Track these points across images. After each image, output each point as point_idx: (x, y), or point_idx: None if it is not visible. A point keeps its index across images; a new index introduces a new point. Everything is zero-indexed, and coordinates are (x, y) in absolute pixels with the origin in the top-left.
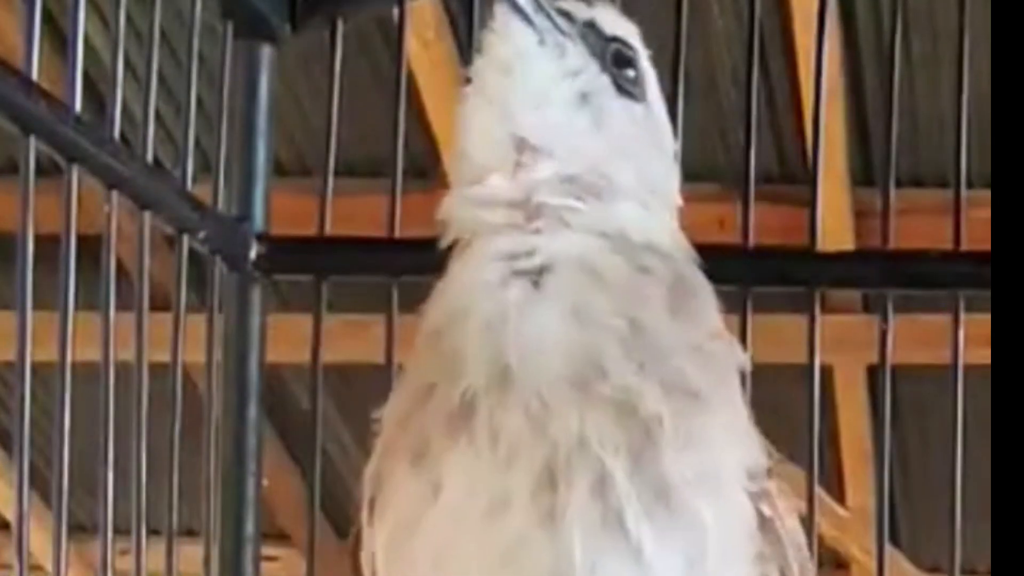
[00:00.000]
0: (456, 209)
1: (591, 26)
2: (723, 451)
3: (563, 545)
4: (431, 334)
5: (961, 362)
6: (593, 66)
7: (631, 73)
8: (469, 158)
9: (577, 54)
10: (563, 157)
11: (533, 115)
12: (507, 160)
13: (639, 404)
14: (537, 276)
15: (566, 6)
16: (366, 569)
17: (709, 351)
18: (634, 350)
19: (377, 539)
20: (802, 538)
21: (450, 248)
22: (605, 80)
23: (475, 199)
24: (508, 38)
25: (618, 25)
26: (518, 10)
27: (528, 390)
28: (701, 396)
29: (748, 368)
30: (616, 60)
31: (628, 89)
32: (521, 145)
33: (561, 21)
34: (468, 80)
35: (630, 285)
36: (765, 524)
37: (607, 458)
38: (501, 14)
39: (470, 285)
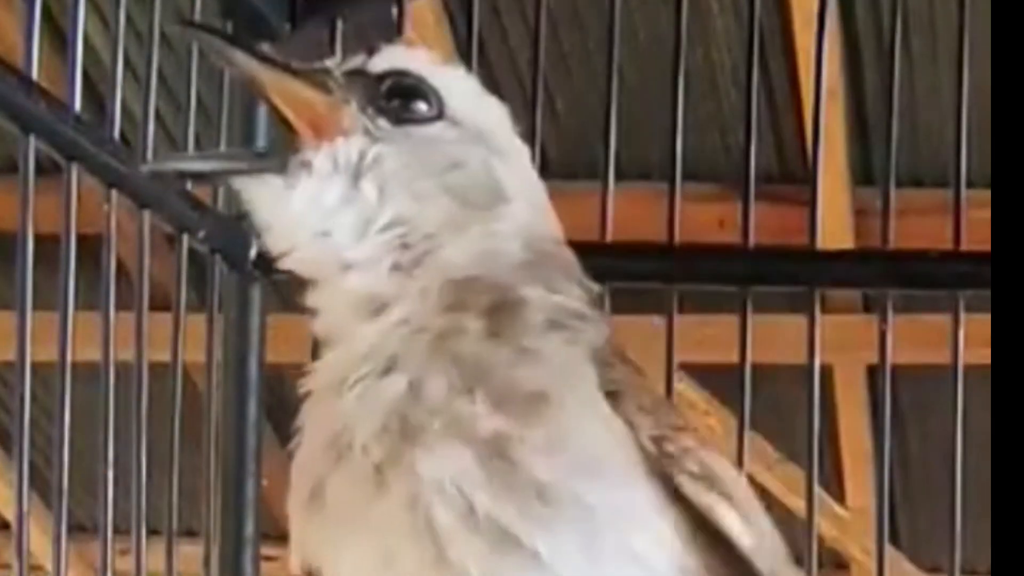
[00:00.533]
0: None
1: (357, 73)
2: (587, 432)
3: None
4: (309, 402)
5: (961, 362)
6: (356, 136)
7: (416, 100)
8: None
9: (324, 156)
10: (374, 253)
11: (329, 241)
12: (337, 274)
13: (475, 425)
14: (367, 354)
15: (326, 64)
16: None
17: (538, 351)
18: (458, 380)
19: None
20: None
21: None
22: (376, 124)
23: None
24: (261, 198)
25: (390, 59)
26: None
27: (365, 459)
28: (546, 392)
29: (605, 335)
30: (394, 92)
31: (413, 117)
32: (342, 265)
33: (318, 76)
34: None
35: (445, 328)
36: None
37: (465, 488)
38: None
39: (318, 374)
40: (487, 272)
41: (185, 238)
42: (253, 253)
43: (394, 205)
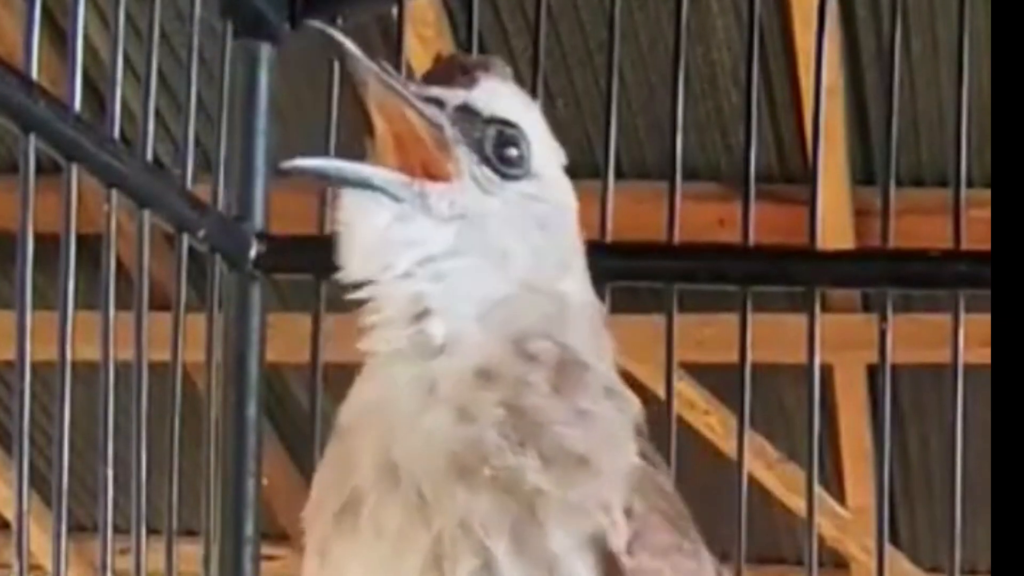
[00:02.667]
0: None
1: (466, 109)
2: (600, 511)
3: None
4: (335, 437)
5: (961, 362)
6: (467, 195)
7: (514, 152)
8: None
9: (436, 201)
10: (458, 302)
11: (423, 283)
12: (411, 313)
13: (520, 479)
14: (431, 385)
15: (438, 93)
16: None
17: (596, 414)
18: (513, 432)
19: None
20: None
21: None
22: (482, 173)
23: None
24: (363, 222)
25: (499, 98)
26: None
27: (411, 485)
28: (587, 459)
29: (642, 423)
30: (497, 142)
31: (510, 172)
32: (422, 308)
33: (432, 110)
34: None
35: (514, 376)
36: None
37: (489, 540)
38: (352, 200)
39: (369, 396)
40: (555, 332)
41: (185, 238)
42: (253, 253)
43: (490, 261)
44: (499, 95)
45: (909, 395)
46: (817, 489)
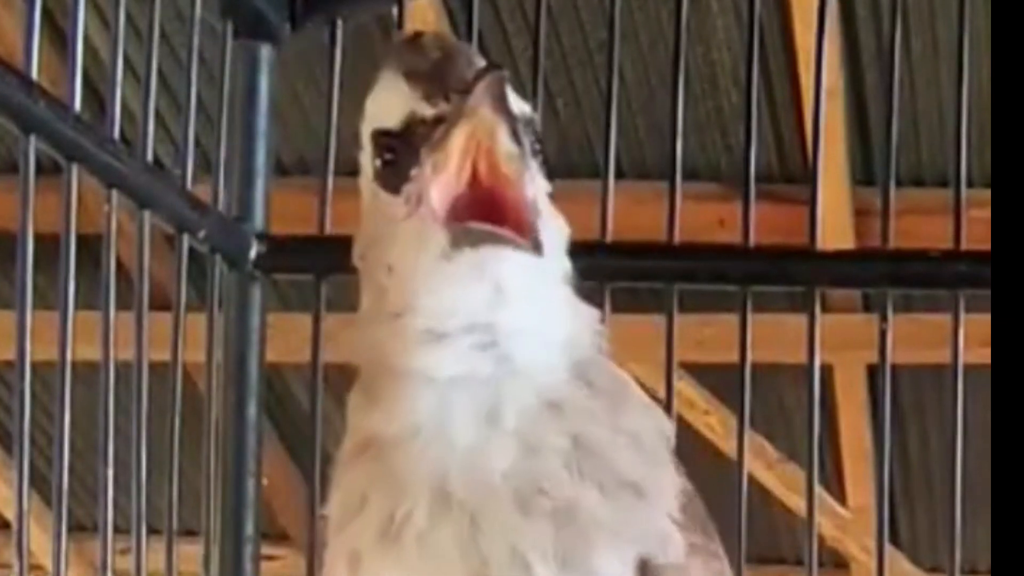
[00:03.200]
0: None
1: (529, 122)
2: (661, 534)
3: None
4: (367, 444)
5: (961, 362)
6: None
7: (538, 146)
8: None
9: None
10: (537, 325)
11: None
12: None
13: (576, 509)
14: (489, 414)
15: (516, 106)
16: None
17: (642, 435)
18: (574, 462)
19: None
20: None
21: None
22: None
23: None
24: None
25: (514, 96)
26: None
27: (465, 514)
28: (640, 485)
29: (672, 436)
30: (534, 143)
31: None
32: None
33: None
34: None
35: (580, 405)
36: None
37: (537, 566)
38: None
39: (418, 413)
40: (594, 348)
41: (185, 238)
42: (253, 253)
43: (557, 279)
44: (521, 103)
45: (909, 395)
46: (817, 489)
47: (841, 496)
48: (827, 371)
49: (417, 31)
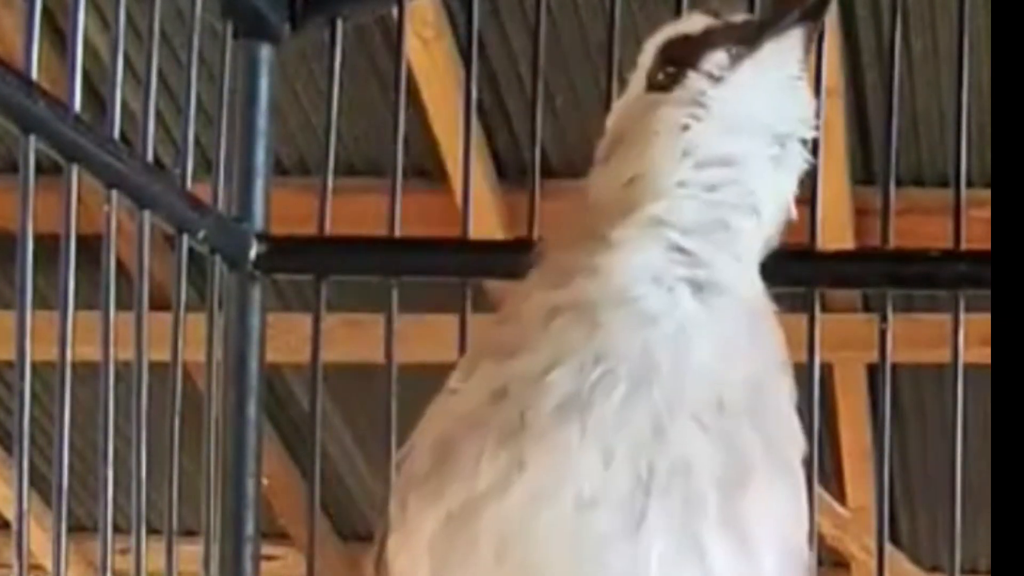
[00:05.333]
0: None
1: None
2: (788, 516)
3: (641, 552)
4: (555, 312)
5: (961, 362)
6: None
7: None
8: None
9: None
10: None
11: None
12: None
13: (744, 450)
14: (696, 304)
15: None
16: (396, 568)
17: (784, 394)
18: (748, 403)
19: (424, 527)
20: None
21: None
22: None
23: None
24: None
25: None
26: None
27: (658, 405)
28: (791, 466)
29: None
30: None
31: None
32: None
33: None
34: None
35: (751, 345)
36: None
37: (703, 483)
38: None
39: (628, 289)
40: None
41: (185, 238)
42: (253, 253)
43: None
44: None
45: (909, 395)
46: (817, 489)
47: (841, 496)
48: (827, 371)
49: None
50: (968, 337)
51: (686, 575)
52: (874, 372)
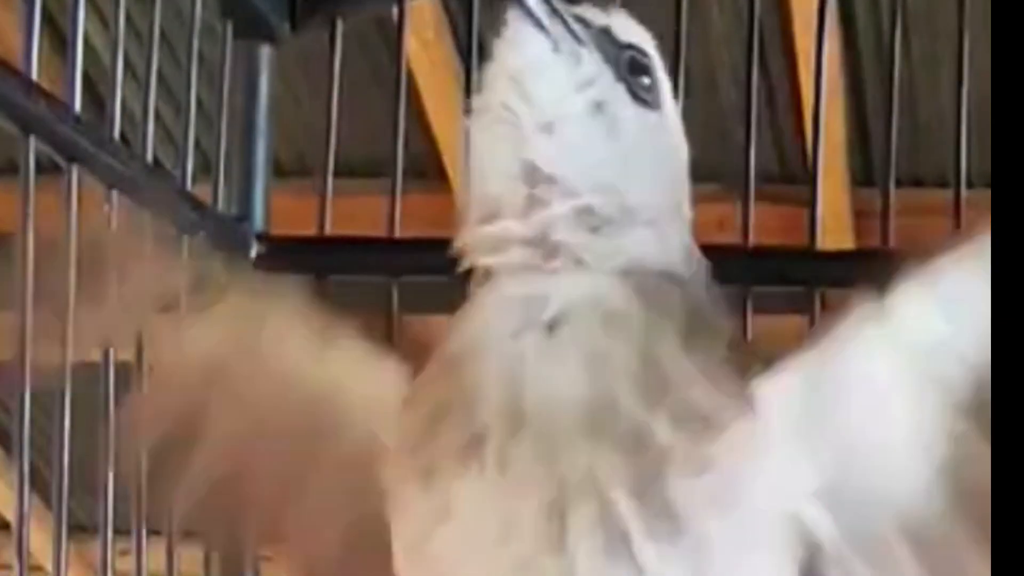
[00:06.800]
0: (471, 248)
1: (606, 33)
2: (737, 475)
3: (568, 569)
4: (447, 364)
5: None
6: (608, 74)
7: (646, 80)
8: (480, 190)
9: (592, 61)
10: (577, 184)
11: (545, 137)
12: (520, 192)
13: (649, 440)
14: (552, 323)
15: (582, 12)
16: None
17: (722, 372)
18: (646, 386)
19: (395, 557)
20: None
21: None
22: (620, 89)
23: (488, 240)
24: (519, 47)
25: (633, 32)
26: (531, 16)
27: (539, 434)
28: (712, 421)
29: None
30: (631, 68)
31: (643, 97)
32: (534, 175)
33: (576, 27)
34: (475, 93)
35: (645, 321)
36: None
37: (612, 490)
38: (512, 20)
39: (486, 327)
40: (675, 275)
41: (185, 238)
42: (253, 253)
43: (613, 159)
44: (633, 27)
45: None
46: None
47: None
48: None
49: None
50: None
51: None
52: None
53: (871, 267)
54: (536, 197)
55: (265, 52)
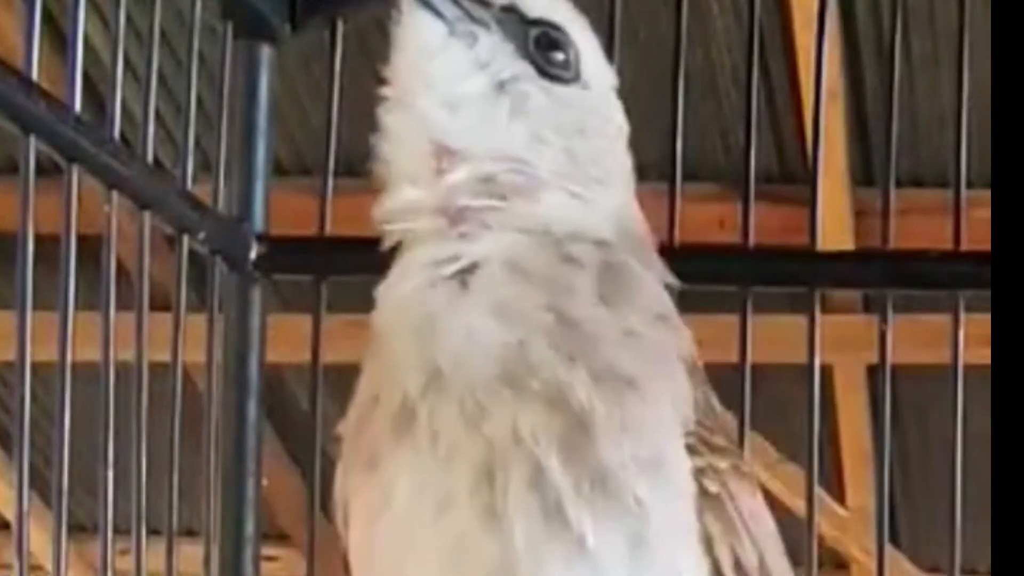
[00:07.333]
0: (383, 218)
1: (510, 10)
2: (661, 435)
3: (506, 539)
4: (372, 344)
5: (961, 362)
6: (508, 52)
7: (559, 56)
8: (389, 165)
9: (489, 42)
10: (481, 156)
11: (447, 115)
12: (425, 165)
13: (570, 396)
14: (462, 279)
15: None
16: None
17: (645, 336)
18: (562, 343)
19: (349, 543)
20: (768, 524)
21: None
22: (524, 65)
23: (398, 209)
24: (415, 32)
25: (543, 6)
26: (425, 1)
27: (461, 390)
28: (635, 383)
29: (693, 356)
30: (540, 43)
31: (554, 72)
32: (438, 150)
33: (474, 7)
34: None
35: (555, 278)
36: (711, 503)
37: (540, 452)
38: (407, 6)
39: (400, 294)
40: (596, 239)
41: (185, 238)
42: (253, 253)
43: (521, 135)
44: (546, 2)
45: (909, 395)
46: (817, 489)
47: (841, 496)
48: (827, 371)
49: None
50: (968, 337)
51: (556, 550)
52: (874, 372)
53: (871, 267)
54: (441, 169)
55: (265, 52)
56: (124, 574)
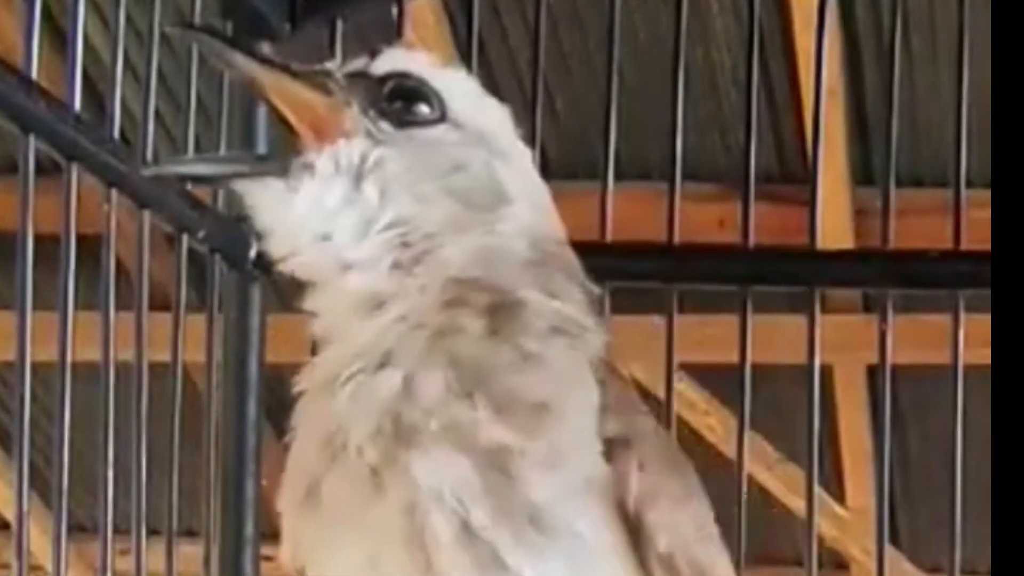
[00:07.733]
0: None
1: (359, 75)
2: (584, 450)
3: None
4: (303, 399)
5: (961, 362)
6: (357, 124)
7: (418, 103)
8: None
9: (317, 171)
10: (375, 247)
11: (329, 242)
12: (338, 275)
13: (476, 433)
14: (354, 346)
15: (326, 66)
16: None
17: (544, 355)
18: (456, 382)
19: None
20: (690, 508)
21: None
22: (377, 125)
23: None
24: (264, 205)
25: (391, 61)
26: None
27: (356, 454)
28: (548, 404)
29: (604, 344)
30: (395, 95)
31: (415, 119)
32: (343, 267)
33: (318, 78)
34: None
35: (443, 325)
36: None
37: (462, 505)
38: (240, 186)
39: (316, 373)
40: (488, 273)
41: (185, 238)
42: (253, 253)
43: (396, 206)
44: (399, 58)
45: (909, 395)
46: (817, 489)
47: (841, 496)
48: (827, 371)
49: None
50: (968, 337)
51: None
52: (874, 372)
53: (871, 267)
54: (346, 259)
55: (265, 52)
56: (124, 574)
